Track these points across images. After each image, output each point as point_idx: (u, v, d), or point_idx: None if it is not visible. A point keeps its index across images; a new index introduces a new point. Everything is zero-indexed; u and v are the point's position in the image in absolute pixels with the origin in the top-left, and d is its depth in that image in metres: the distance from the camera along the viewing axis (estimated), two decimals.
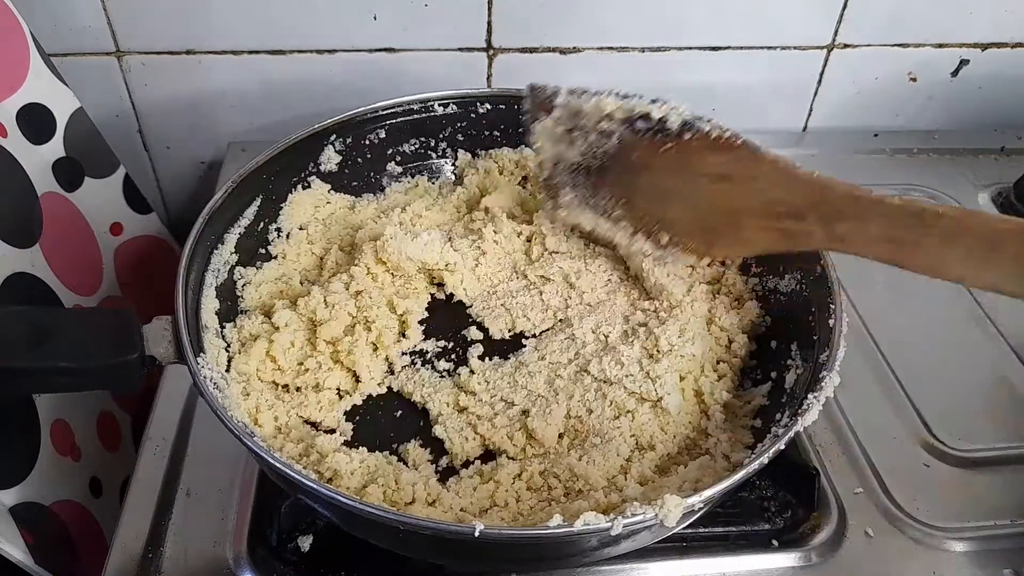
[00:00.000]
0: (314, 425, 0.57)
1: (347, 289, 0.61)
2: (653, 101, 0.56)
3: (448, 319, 0.64)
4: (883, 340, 0.69)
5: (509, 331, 0.63)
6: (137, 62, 0.82)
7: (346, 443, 0.56)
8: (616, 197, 0.58)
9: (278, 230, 0.66)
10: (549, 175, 0.61)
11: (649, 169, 0.56)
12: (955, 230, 0.46)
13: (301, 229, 0.67)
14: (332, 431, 0.57)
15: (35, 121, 0.70)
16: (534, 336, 0.63)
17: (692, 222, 0.57)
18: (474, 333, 0.63)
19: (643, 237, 0.59)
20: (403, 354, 0.61)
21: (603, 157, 0.57)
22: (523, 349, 0.62)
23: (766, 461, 0.46)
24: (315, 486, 0.44)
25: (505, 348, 0.62)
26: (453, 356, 0.62)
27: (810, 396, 0.49)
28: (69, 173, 0.73)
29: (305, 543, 0.53)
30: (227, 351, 0.57)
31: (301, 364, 0.58)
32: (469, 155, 0.74)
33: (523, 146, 0.73)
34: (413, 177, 0.74)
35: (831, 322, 0.53)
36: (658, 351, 0.58)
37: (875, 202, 0.49)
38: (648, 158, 0.55)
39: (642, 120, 0.55)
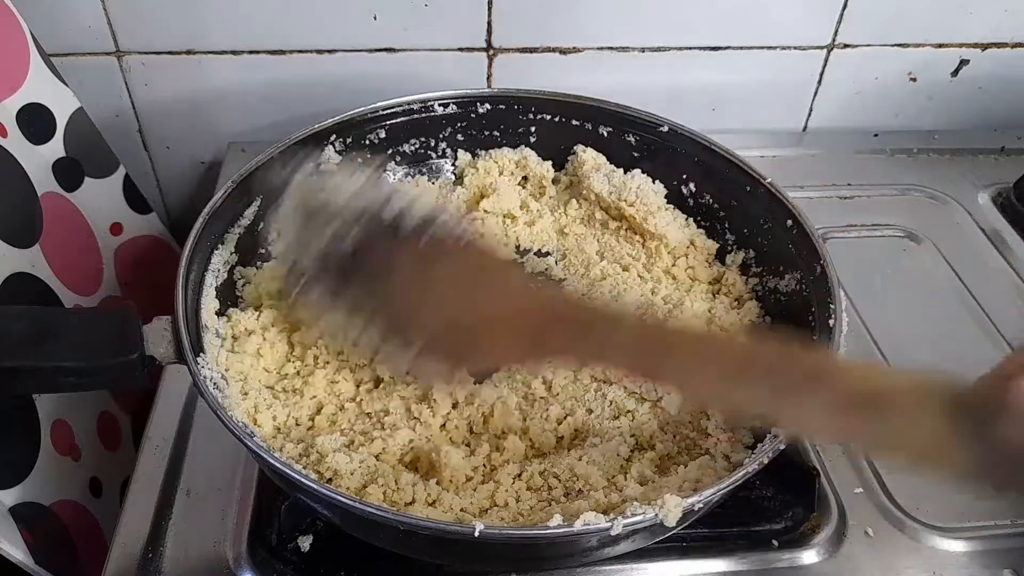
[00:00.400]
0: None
1: None
2: (387, 198, 0.53)
3: None
4: (883, 340, 0.69)
5: None
6: (137, 62, 0.82)
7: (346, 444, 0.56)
8: (361, 300, 0.53)
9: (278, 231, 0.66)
10: (289, 269, 0.55)
11: (388, 273, 0.52)
12: (701, 351, 0.46)
13: None
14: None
15: (35, 121, 0.70)
16: None
17: (440, 333, 0.52)
18: None
19: (396, 343, 0.53)
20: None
21: (343, 255, 0.52)
22: None
23: (766, 461, 0.46)
24: (315, 486, 0.44)
25: None
26: None
27: None
28: (69, 173, 0.73)
29: (305, 543, 0.53)
30: (223, 348, 0.57)
31: (285, 365, 0.58)
32: (469, 155, 0.74)
33: (523, 146, 0.74)
34: (413, 177, 0.73)
35: (831, 322, 0.53)
36: None
37: (614, 319, 0.49)
38: (392, 261, 0.52)
39: (372, 219, 0.52)
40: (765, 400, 0.42)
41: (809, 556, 0.55)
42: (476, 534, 0.42)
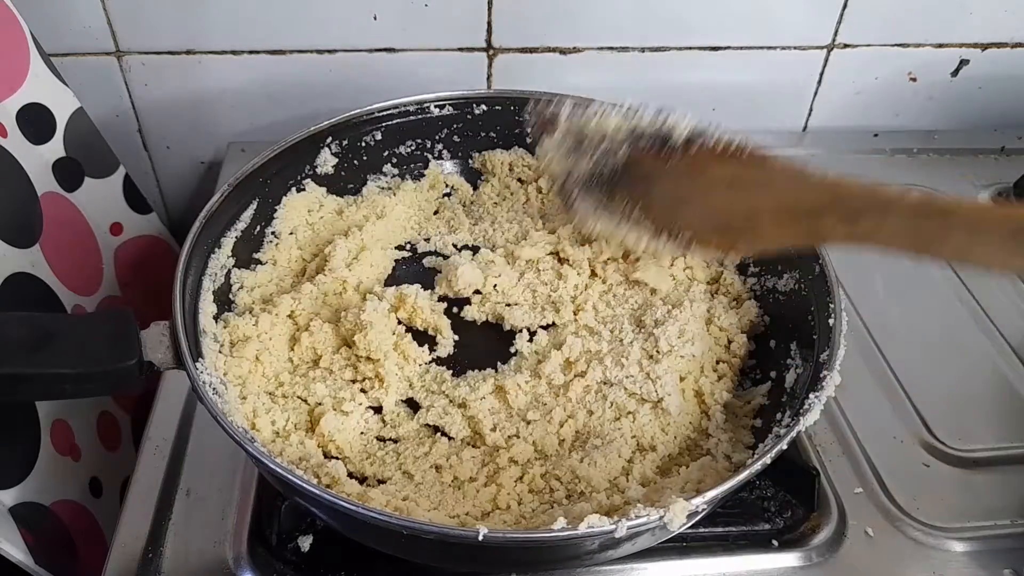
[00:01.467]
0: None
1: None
2: (658, 113, 0.56)
3: None
4: (883, 340, 0.69)
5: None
6: (137, 62, 0.82)
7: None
8: (632, 202, 0.58)
9: (273, 233, 0.66)
10: (561, 185, 0.61)
11: (660, 179, 0.56)
12: (979, 224, 0.47)
13: (291, 234, 0.66)
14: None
15: (35, 121, 0.70)
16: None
17: (711, 223, 0.57)
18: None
19: (665, 237, 0.59)
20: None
21: (613, 169, 0.58)
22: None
23: (768, 461, 0.46)
24: (317, 491, 0.44)
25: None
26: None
27: (811, 396, 0.49)
28: (69, 173, 0.73)
29: (305, 543, 0.53)
30: (221, 353, 0.57)
31: (282, 373, 0.58)
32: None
33: (517, 147, 0.73)
34: (404, 179, 0.73)
35: (831, 321, 0.53)
36: (658, 352, 0.58)
37: (895, 199, 0.49)
38: (657, 170, 0.56)
39: (644, 138, 0.56)
40: None
41: (809, 556, 0.55)
42: (480, 538, 0.42)
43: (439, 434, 0.56)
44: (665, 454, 0.55)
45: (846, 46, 0.88)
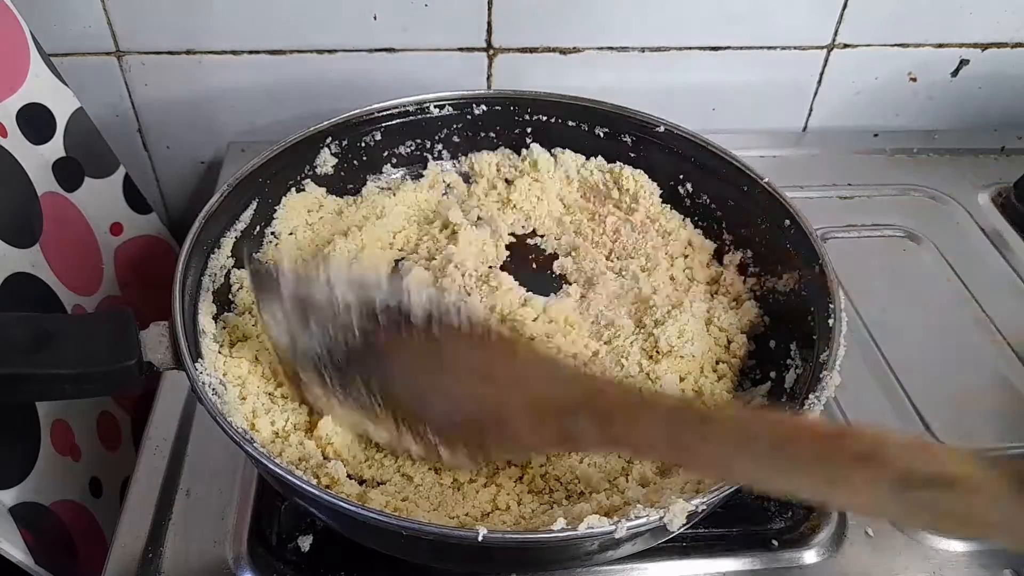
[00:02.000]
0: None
1: None
2: (395, 282, 0.51)
3: None
4: (883, 340, 0.69)
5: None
6: (137, 62, 0.82)
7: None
8: (370, 391, 0.51)
9: (273, 234, 0.66)
10: (286, 365, 0.54)
11: (400, 364, 0.50)
12: (739, 435, 0.42)
13: (290, 235, 0.66)
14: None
15: (35, 121, 0.70)
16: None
17: (458, 422, 0.50)
18: None
19: (409, 436, 0.52)
20: None
21: (347, 348, 0.51)
22: None
23: None
24: (317, 492, 0.44)
25: None
26: None
27: (811, 396, 0.49)
28: (69, 173, 0.73)
29: (305, 543, 0.53)
30: (221, 353, 0.57)
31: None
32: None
33: (503, 147, 0.74)
34: (404, 180, 0.73)
35: (831, 321, 0.53)
36: (657, 352, 0.58)
37: (650, 401, 0.47)
38: (397, 351, 0.50)
39: (383, 313, 0.50)
40: (815, 485, 0.39)
41: (809, 556, 0.55)
42: (479, 539, 0.42)
43: None
44: None
45: (846, 46, 0.88)
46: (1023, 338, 0.70)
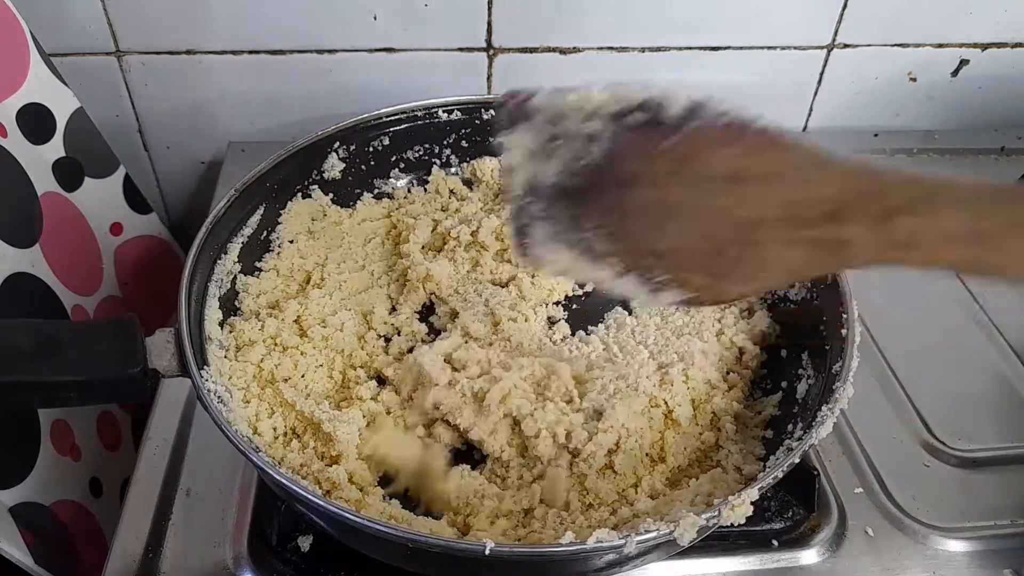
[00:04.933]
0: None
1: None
2: (646, 87, 0.43)
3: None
4: (883, 340, 0.69)
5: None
6: (137, 62, 0.82)
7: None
8: (600, 226, 0.45)
9: (278, 240, 0.66)
10: (518, 207, 0.47)
11: (643, 180, 0.43)
12: None
13: (291, 243, 0.66)
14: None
15: (35, 121, 0.70)
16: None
17: (696, 249, 0.43)
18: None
19: (635, 276, 0.45)
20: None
21: (586, 171, 0.44)
22: None
23: (780, 475, 0.46)
24: (320, 502, 0.44)
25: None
26: None
27: (824, 408, 0.49)
28: (69, 173, 0.73)
29: (305, 543, 0.53)
30: (227, 358, 0.57)
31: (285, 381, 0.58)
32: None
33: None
34: (411, 191, 0.73)
35: (843, 331, 0.53)
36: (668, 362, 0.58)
37: (945, 186, 0.37)
38: (643, 164, 0.43)
39: (637, 111, 0.43)
40: None
41: (809, 556, 0.55)
42: (486, 552, 0.41)
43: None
44: (675, 466, 0.55)
45: (846, 46, 0.88)
46: (1023, 338, 0.70)
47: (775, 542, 0.55)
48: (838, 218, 0.38)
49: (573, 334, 0.64)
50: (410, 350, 0.61)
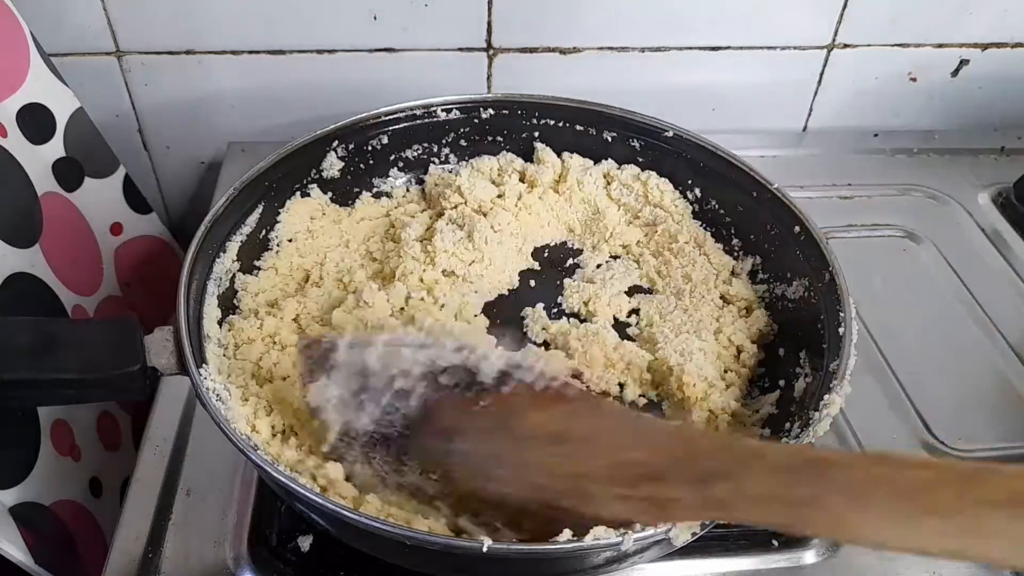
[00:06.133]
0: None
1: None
2: (459, 349, 0.46)
3: None
4: (883, 340, 0.69)
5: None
6: (137, 62, 0.82)
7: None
8: (426, 472, 0.46)
9: (276, 239, 0.66)
10: (332, 449, 0.49)
11: (463, 434, 0.45)
12: (866, 483, 0.35)
13: (290, 241, 0.66)
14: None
15: (35, 121, 0.70)
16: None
17: (525, 498, 0.44)
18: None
19: (468, 521, 0.47)
20: None
21: (403, 423, 0.47)
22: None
23: None
24: (320, 500, 0.44)
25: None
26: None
27: (821, 407, 0.49)
28: (69, 173, 0.73)
29: (305, 543, 0.53)
30: (225, 356, 0.57)
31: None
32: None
33: (505, 153, 0.73)
34: (409, 190, 0.73)
35: (841, 330, 0.53)
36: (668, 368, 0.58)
37: (754, 454, 0.40)
38: (460, 421, 0.45)
39: (446, 374, 0.46)
40: (959, 535, 0.34)
41: (809, 556, 0.55)
42: (484, 550, 0.41)
43: None
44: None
45: (846, 46, 0.88)
46: (1023, 338, 0.70)
47: (775, 542, 0.55)
48: (658, 480, 0.41)
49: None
50: None
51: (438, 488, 0.47)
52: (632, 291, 0.66)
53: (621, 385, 0.60)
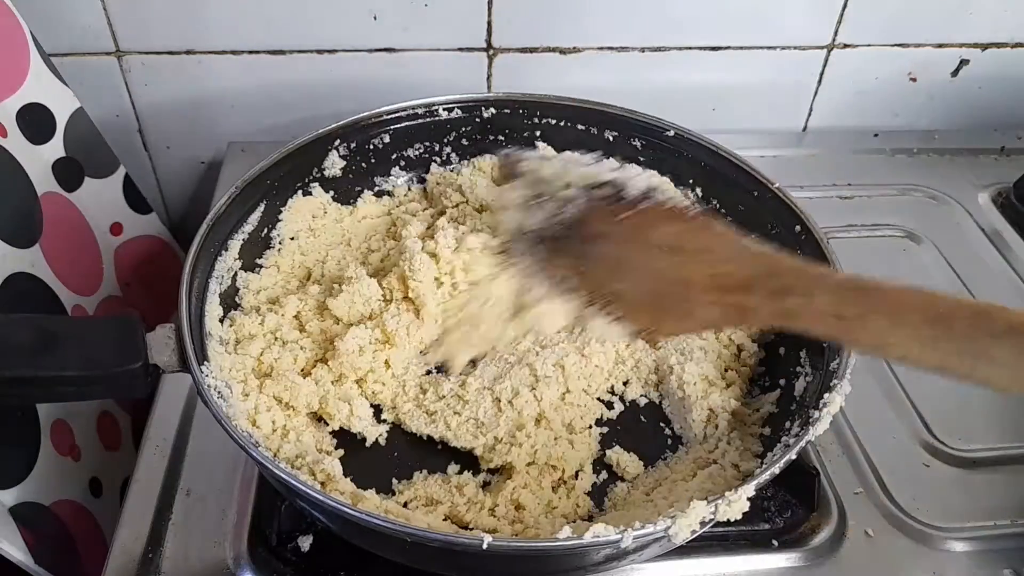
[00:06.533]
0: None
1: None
2: (620, 166, 0.57)
3: None
4: None
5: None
6: (137, 62, 0.82)
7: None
8: (571, 267, 0.58)
9: (278, 237, 0.66)
10: (506, 243, 0.60)
11: (605, 238, 0.56)
12: (901, 307, 0.45)
13: (292, 239, 0.66)
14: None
15: (35, 121, 0.70)
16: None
17: (643, 295, 0.56)
18: None
19: (596, 309, 0.57)
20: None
21: (562, 225, 0.57)
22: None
23: (777, 471, 0.46)
24: (320, 497, 0.44)
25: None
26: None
27: (821, 405, 0.49)
28: (69, 173, 0.73)
29: (305, 543, 0.53)
30: (227, 352, 0.57)
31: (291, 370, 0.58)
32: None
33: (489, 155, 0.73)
34: (411, 189, 0.73)
35: None
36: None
37: (821, 276, 0.49)
38: (605, 227, 0.55)
39: (603, 187, 0.55)
40: (961, 358, 0.43)
41: (809, 556, 0.55)
42: (484, 546, 0.41)
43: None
44: (672, 463, 0.55)
45: (846, 46, 0.88)
46: None
47: (775, 542, 0.55)
48: (746, 290, 0.51)
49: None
50: None
51: (579, 282, 0.57)
52: None
53: (625, 383, 0.60)
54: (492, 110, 0.71)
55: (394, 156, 0.71)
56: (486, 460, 0.55)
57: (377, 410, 0.58)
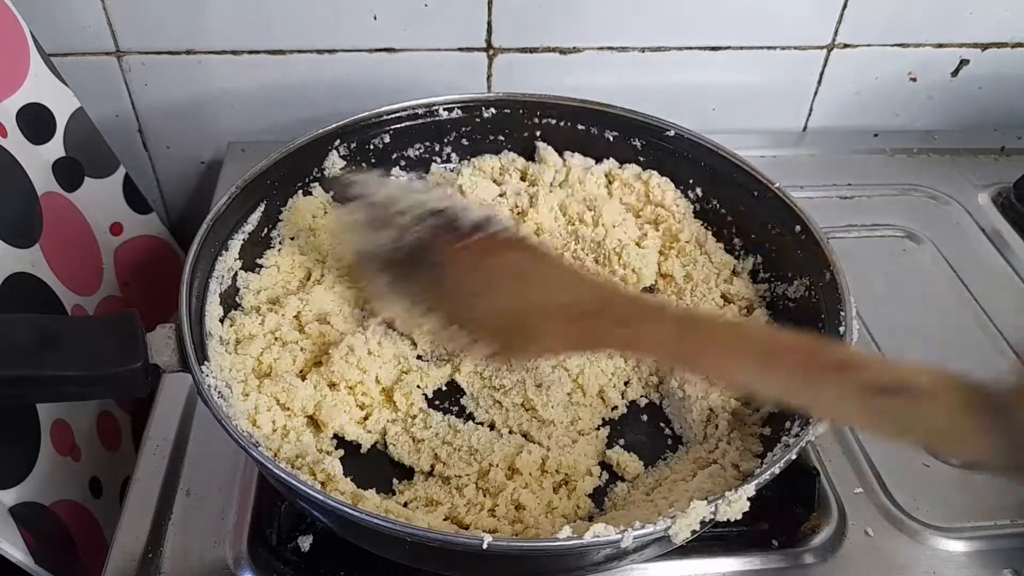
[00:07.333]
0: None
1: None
2: (451, 196, 0.58)
3: None
4: (883, 340, 0.69)
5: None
6: (137, 62, 0.82)
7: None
8: (421, 291, 0.57)
9: (279, 237, 0.66)
10: (353, 264, 0.61)
11: (447, 266, 0.56)
12: (736, 338, 0.48)
13: (292, 239, 0.66)
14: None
15: (35, 121, 0.70)
16: None
17: (489, 319, 0.56)
18: None
19: (456, 331, 0.57)
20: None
21: (402, 252, 0.57)
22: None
23: (777, 471, 0.46)
24: (321, 497, 0.44)
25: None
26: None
27: None
28: (69, 173, 0.73)
29: (305, 543, 0.53)
30: (227, 352, 0.57)
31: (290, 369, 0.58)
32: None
33: (507, 152, 0.73)
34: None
35: (841, 330, 0.53)
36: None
37: (655, 310, 0.52)
38: (445, 255, 0.56)
39: (433, 216, 0.56)
40: (795, 390, 0.45)
41: (809, 556, 0.55)
42: (484, 546, 0.41)
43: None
44: (672, 463, 0.55)
45: (846, 46, 0.88)
46: (1023, 338, 0.70)
47: (775, 542, 0.55)
48: (594, 317, 0.52)
49: None
50: None
51: (434, 303, 0.57)
52: None
53: (626, 383, 0.60)
54: (492, 110, 0.71)
55: (394, 156, 0.71)
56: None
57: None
